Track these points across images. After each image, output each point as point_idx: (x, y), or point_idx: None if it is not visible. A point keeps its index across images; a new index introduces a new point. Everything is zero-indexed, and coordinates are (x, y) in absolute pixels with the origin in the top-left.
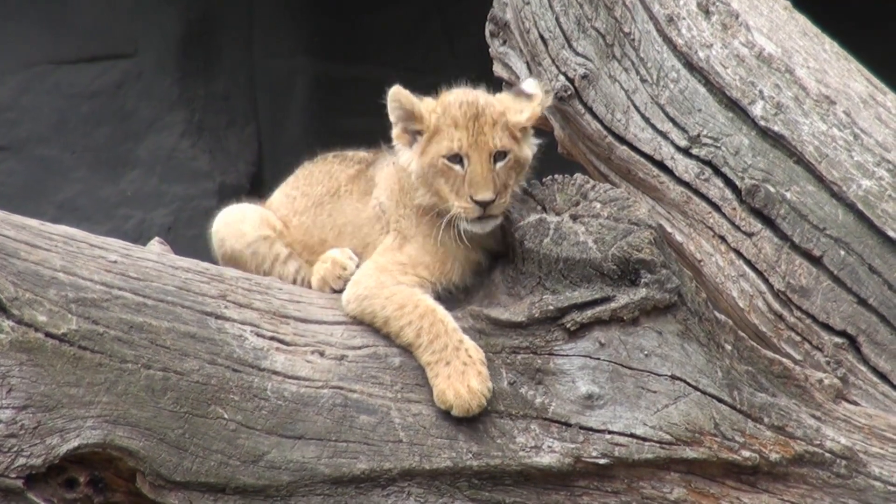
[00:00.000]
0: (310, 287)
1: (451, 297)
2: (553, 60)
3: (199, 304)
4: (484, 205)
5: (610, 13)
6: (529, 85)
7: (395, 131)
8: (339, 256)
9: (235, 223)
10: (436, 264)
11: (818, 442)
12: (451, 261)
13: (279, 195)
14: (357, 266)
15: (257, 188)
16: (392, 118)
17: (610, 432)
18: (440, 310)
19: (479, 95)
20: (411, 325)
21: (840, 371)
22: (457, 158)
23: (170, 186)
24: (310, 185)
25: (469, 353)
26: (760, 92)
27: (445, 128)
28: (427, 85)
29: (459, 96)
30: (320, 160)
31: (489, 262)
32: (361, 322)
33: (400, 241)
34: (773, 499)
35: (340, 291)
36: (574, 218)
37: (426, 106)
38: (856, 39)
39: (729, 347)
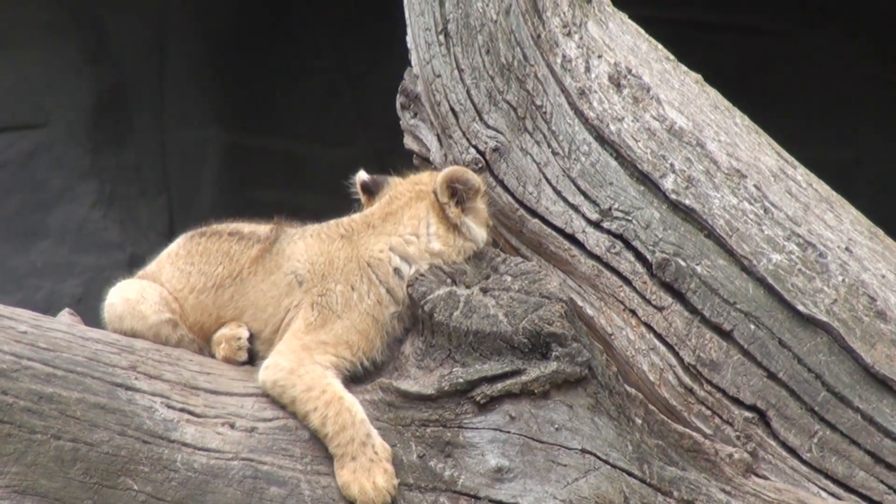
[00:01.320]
0: None
1: (369, 372)
2: (464, 133)
3: (110, 375)
4: None
5: (522, 86)
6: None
7: (454, 211)
8: (229, 332)
9: (134, 302)
10: (363, 342)
11: None
12: (381, 337)
13: (170, 269)
14: (249, 334)
15: None
16: (445, 199)
17: None
18: (348, 398)
19: None
20: (317, 411)
21: (750, 445)
22: None
23: (80, 257)
24: (207, 264)
25: (376, 450)
26: (671, 165)
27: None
28: (337, 156)
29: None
30: (214, 236)
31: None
32: (271, 394)
33: (324, 318)
34: None
35: (246, 363)
36: (484, 291)
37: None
38: (766, 113)
39: (639, 421)
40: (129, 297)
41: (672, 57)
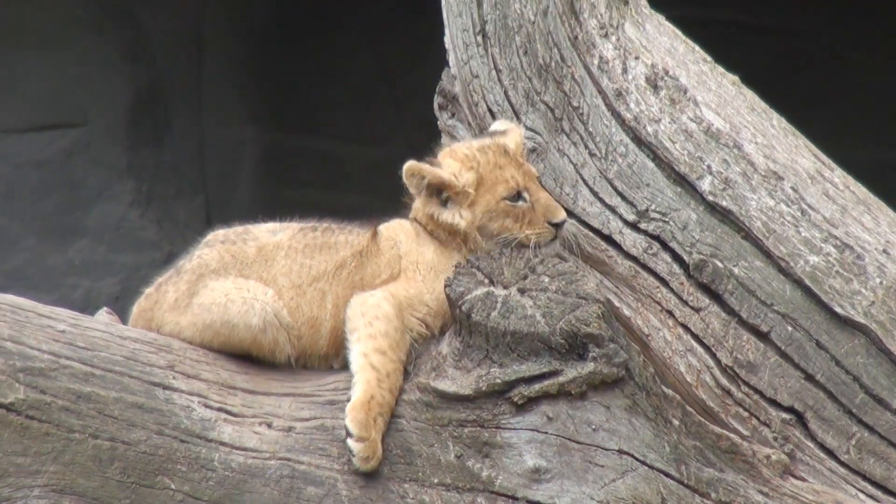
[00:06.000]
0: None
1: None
2: None
3: (147, 374)
4: (559, 225)
5: (559, 87)
6: (499, 124)
7: (421, 201)
8: None
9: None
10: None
11: None
12: None
13: (286, 262)
14: None
15: None
16: (413, 191)
17: None
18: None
19: (487, 139)
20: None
21: (787, 447)
22: (517, 196)
23: (118, 256)
24: (330, 253)
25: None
26: (708, 167)
27: (489, 174)
28: (374, 156)
29: (478, 145)
30: (328, 230)
31: None
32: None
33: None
34: None
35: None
36: (522, 291)
37: (448, 171)
38: (803, 115)
39: (676, 422)
40: (268, 303)
41: (709, 58)
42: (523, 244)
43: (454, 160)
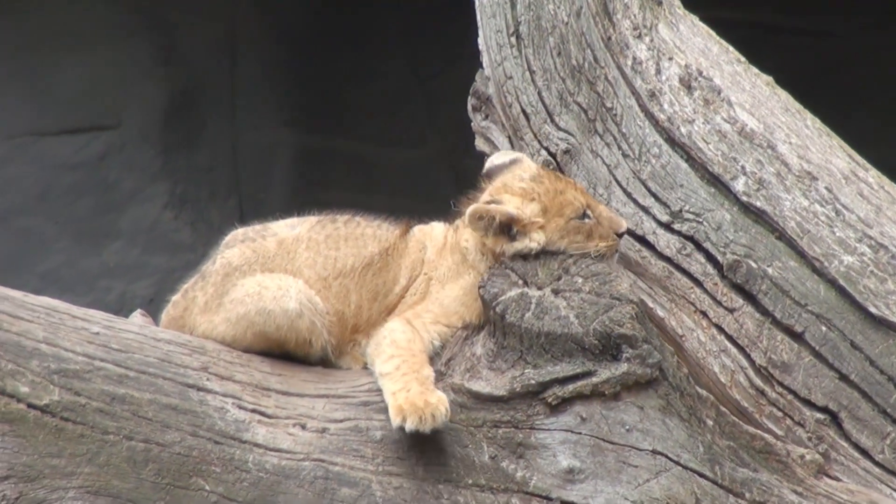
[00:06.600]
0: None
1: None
2: (535, 135)
3: (181, 376)
4: (623, 234)
5: (592, 88)
6: (501, 157)
7: (490, 241)
8: None
9: (310, 296)
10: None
11: None
12: None
13: (310, 254)
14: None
15: None
16: (480, 233)
17: None
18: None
19: (533, 167)
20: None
21: (822, 447)
22: (583, 214)
23: (152, 258)
24: (356, 246)
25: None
26: (742, 167)
27: (552, 202)
28: (407, 158)
29: (529, 175)
30: (351, 222)
31: None
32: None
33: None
34: None
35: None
36: (556, 292)
37: (513, 206)
38: (837, 116)
39: (710, 423)
40: (302, 290)
41: (743, 59)
42: (588, 256)
43: (512, 195)
